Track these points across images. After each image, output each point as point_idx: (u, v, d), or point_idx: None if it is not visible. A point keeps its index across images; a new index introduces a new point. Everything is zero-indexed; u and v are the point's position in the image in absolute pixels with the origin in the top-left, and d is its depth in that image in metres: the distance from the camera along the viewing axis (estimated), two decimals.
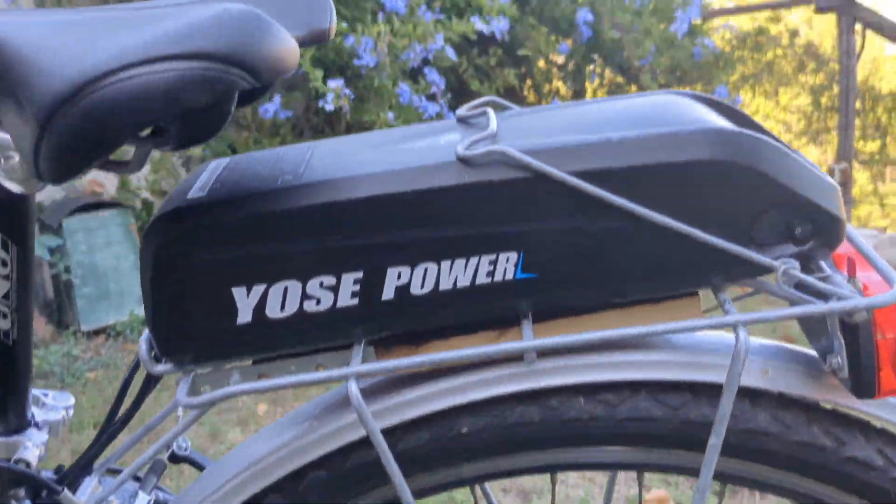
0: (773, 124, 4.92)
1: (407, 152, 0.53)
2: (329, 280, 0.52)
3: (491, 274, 0.52)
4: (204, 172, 0.55)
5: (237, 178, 0.53)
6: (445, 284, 0.52)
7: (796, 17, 4.90)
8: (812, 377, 0.58)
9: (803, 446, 0.58)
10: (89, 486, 0.64)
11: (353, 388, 0.52)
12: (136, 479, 0.69)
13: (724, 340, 0.58)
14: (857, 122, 4.15)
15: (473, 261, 0.51)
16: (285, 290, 0.52)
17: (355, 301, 0.52)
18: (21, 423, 0.63)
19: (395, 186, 0.50)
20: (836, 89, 4.23)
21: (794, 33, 4.65)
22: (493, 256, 0.51)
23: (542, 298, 0.53)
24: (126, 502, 0.67)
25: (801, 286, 0.51)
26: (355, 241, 0.51)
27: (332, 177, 0.51)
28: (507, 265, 0.51)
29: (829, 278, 0.52)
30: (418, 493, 0.60)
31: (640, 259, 0.51)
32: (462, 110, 0.57)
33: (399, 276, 0.52)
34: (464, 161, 0.50)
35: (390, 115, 3.20)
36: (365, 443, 0.60)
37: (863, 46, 4.06)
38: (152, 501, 0.68)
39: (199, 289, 0.52)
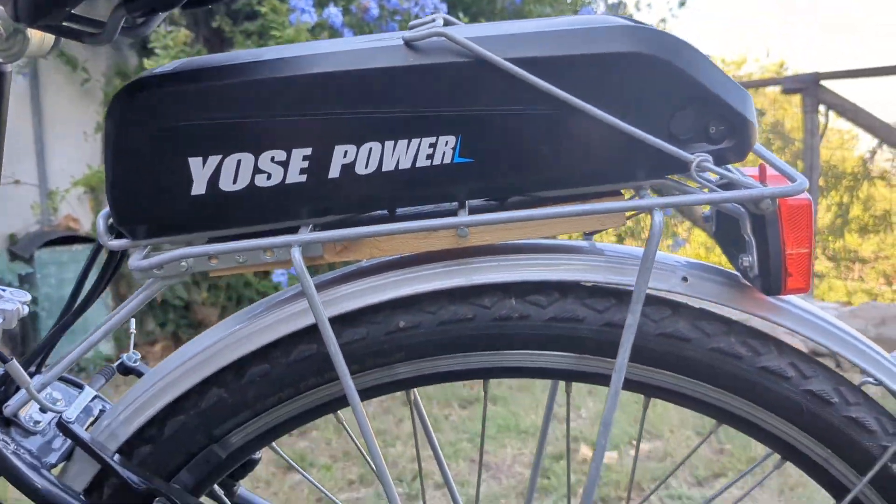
0: None
1: (359, 42, 0.58)
2: (280, 155, 0.56)
3: (430, 157, 0.56)
4: (176, 62, 0.59)
5: (202, 61, 0.57)
6: (388, 165, 0.56)
7: (763, 97, 5.10)
8: (729, 288, 0.62)
9: (720, 354, 0.62)
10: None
11: (297, 256, 0.56)
12: (78, 386, 0.71)
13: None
14: (821, 199, 4.29)
15: (415, 143, 0.55)
16: (238, 162, 0.56)
17: (303, 178, 0.56)
18: None
19: (344, 65, 0.55)
20: (801, 166, 4.38)
21: (761, 112, 4.83)
22: (433, 139, 0.55)
23: (477, 185, 0.57)
24: (70, 400, 0.68)
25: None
26: (305, 116, 0.55)
27: (287, 55, 0.55)
28: (445, 148, 0.56)
29: (733, 172, 0.56)
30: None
31: (568, 149, 0.56)
32: (413, 24, 0.63)
33: (345, 155, 0.56)
34: (409, 44, 0.55)
35: None
36: (308, 334, 0.63)
37: (825, 126, 4.23)
38: (96, 400, 0.69)
39: (158, 156, 0.55)
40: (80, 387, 0.71)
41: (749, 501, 2.03)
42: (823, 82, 4.05)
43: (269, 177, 0.56)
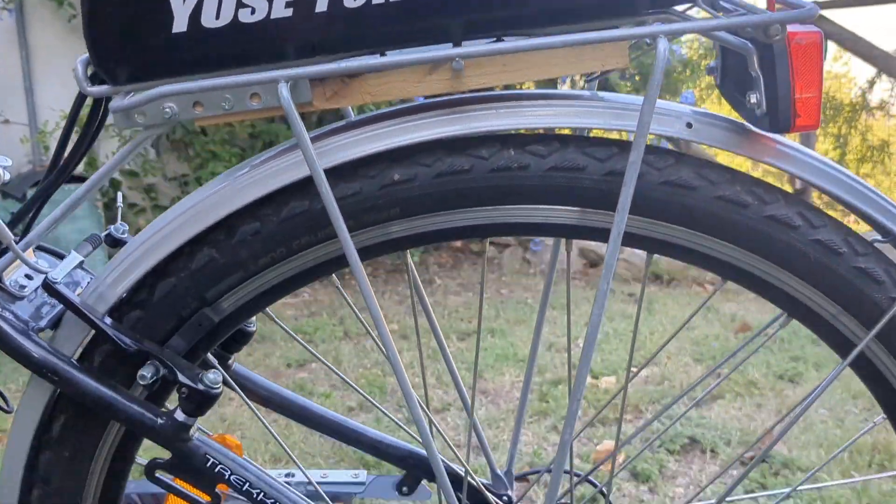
0: None
1: None
2: None
3: None
4: None
5: None
6: None
7: None
8: (735, 134, 0.60)
9: (725, 202, 0.60)
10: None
11: (285, 93, 0.53)
12: (62, 257, 0.69)
13: None
14: (820, 130, 4.25)
15: None
16: None
17: (289, 12, 0.53)
18: None
19: None
20: None
21: None
22: None
23: (472, 18, 0.54)
24: (52, 265, 0.66)
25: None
26: None
27: None
28: None
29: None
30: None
31: None
32: None
33: None
34: None
35: None
36: (301, 189, 0.60)
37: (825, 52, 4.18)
38: (81, 270, 0.68)
39: None
40: (63, 258, 0.69)
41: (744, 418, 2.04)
42: (823, 12, 4.00)
43: (252, 11, 0.53)
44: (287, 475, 0.87)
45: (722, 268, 0.63)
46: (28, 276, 0.65)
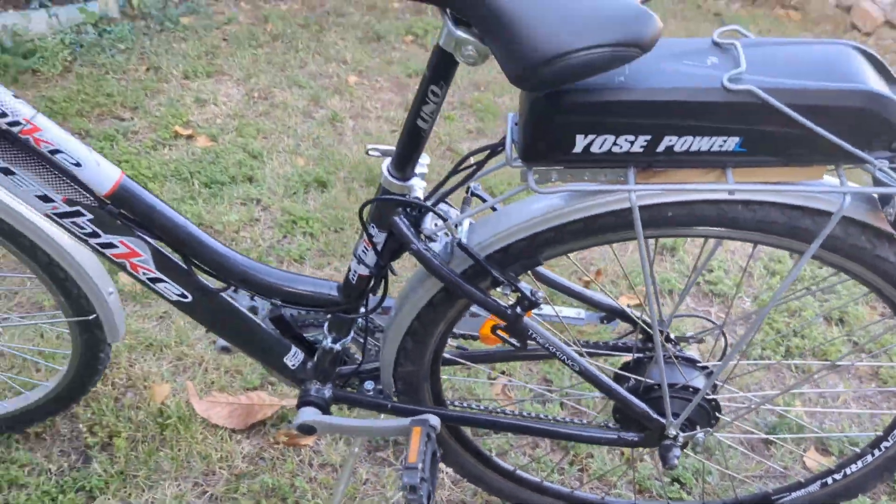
0: None
1: (690, 67, 0.91)
2: (629, 138, 0.93)
3: (720, 145, 0.93)
4: None
5: (587, 84, 0.91)
6: (691, 147, 0.93)
7: None
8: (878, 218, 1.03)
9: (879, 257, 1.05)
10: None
11: (633, 199, 0.96)
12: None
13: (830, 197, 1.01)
14: None
15: (710, 139, 0.92)
16: (604, 139, 0.93)
17: (640, 149, 0.94)
18: (412, 173, 1.08)
19: (684, 97, 0.90)
20: None
21: None
22: (724, 138, 0.92)
23: (745, 159, 0.95)
24: (445, 214, 1.13)
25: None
26: (651, 120, 0.91)
27: (646, 86, 0.90)
28: (728, 142, 0.93)
29: None
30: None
31: (814, 146, 0.92)
32: (715, 35, 0.95)
33: (670, 141, 0.93)
34: (727, 89, 0.89)
35: None
36: (612, 215, 1.05)
37: None
38: (464, 223, 1.14)
39: (556, 132, 0.93)
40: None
41: None
42: None
43: (620, 147, 0.94)
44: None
45: (870, 286, 1.10)
46: (435, 224, 1.12)
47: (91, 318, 1.37)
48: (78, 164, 1.10)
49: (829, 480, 1.44)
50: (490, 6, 0.85)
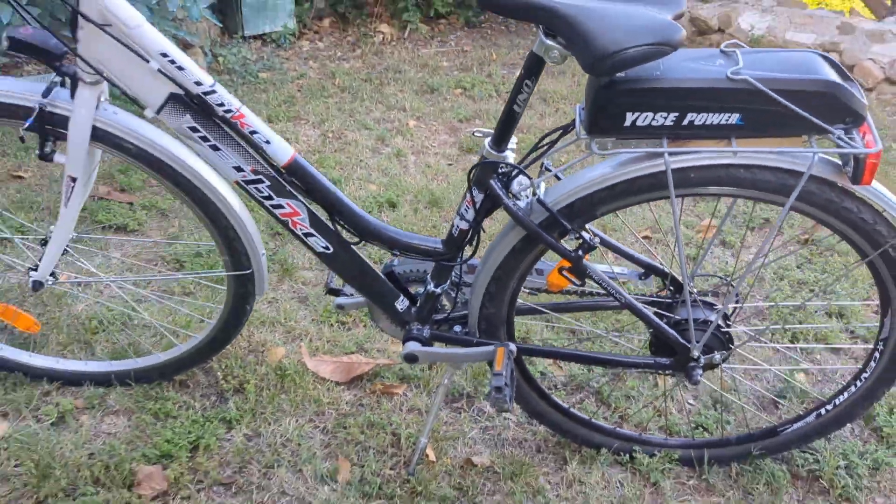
0: None
1: (704, 65, 1.34)
2: (663, 114, 1.35)
3: (726, 119, 1.35)
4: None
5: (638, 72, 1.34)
6: (706, 122, 1.36)
7: None
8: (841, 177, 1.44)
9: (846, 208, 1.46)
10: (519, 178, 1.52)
11: (668, 160, 1.38)
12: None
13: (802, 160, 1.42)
14: None
15: (719, 115, 1.35)
16: (647, 115, 1.35)
17: (671, 122, 1.36)
18: (506, 147, 1.51)
19: (701, 84, 1.32)
20: None
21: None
22: (729, 115, 1.34)
23: (744, 131, 1.37)
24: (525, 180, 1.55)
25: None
26: (679, 101, 1.34)
27: (675, 76, 1.33)
28: (732, 117, 1.35)
29: (854, 139, 1.35)
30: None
31: (791, 120, 1.34)
32: (722, 46, 1.38)
33: (692, 117, 1.35)
34: (730, 79, 1.32)
35: None
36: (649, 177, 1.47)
37: None
38: (541, 185, 1.56)
39: (612, 110, 1.36)
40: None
41: None
42: None
43: (657, 122, 1.36)
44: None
45: (842, 234, 1.50)
46: (520, 185, 1.54)
47: (248, 272, 1.79)
48: (268, 142, 1.54)
49: (823, 411, 1.81)
50: (572, 21, 1.29)
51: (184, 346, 2.02)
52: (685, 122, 1.36)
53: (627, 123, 1.37)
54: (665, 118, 1.36)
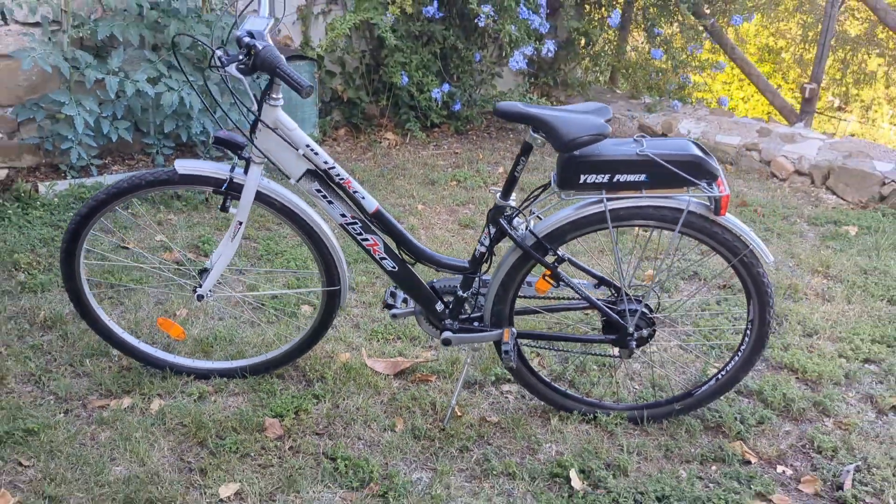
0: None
1: (624, 147, 2.33)
2: (603, 175, 2.33)
3: (638, 178, 2.33)
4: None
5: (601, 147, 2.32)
6: (627, 179, 2.33)
7: None
8: (708, 211, 2.41)
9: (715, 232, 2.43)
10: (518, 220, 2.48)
11: (606, 204, 2.35)
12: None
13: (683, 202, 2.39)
14: (830, 54, 5.74)
15: (634, 175, 2.33)
16: (593, 176, 2.33)
17: (606, 180, 2.34)
18: (509, 198, 2.46)
19: (623, 157, 2.31)
20: (819, 27, 5.82)
21: None
22: (639, 175, 2.32)
23: (649, 184, 2.34)
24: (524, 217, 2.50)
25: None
26: (611, 167, 2.32)
27: (609, 153, 2.32)
28: (641, 177, 2.33)
29: (713, 188, 2.33)
30: None
31: (677, 178, 2.32)
32: (634, 137, 2.37)
33: (619, 177, 2.33)
34: (639, 154, 2.30)
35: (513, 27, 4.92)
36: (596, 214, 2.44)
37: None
38: (531, 221, 2.51)
39: (572, 173, 2.33)
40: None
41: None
42: None
43: (599, 180, 2.33)
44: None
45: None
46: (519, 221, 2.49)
47: (337, 287, 2.70)
48: (363, 197, 2.49)
49: (720, 376, 2.73)
50: (550, 124, 2.27)
51: (284, 347, 2.90)
52: (615, 179, 2.34)
53: (581, 181, 2.34)
54: (603, 178, 2.33)
